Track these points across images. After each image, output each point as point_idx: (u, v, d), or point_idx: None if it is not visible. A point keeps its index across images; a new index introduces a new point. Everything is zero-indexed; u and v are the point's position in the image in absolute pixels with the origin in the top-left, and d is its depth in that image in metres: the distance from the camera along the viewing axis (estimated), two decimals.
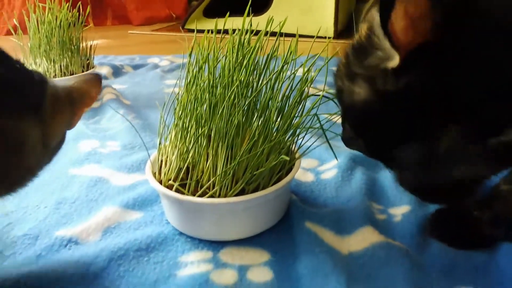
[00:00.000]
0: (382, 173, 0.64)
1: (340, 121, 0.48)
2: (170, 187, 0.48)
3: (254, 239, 0.50)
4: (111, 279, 0.44)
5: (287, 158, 0.44)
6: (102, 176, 0.64)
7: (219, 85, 0.48)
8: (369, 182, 0.60)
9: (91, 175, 0.64)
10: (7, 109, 0.30)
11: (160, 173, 0.51)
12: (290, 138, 0.49)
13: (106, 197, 0.59)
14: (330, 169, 0.65)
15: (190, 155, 0.48)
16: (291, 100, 0.50)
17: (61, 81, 0.38)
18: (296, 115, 0.48)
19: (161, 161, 0.52)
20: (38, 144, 0.34)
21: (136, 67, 1.28)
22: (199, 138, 0.48)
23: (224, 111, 0.46)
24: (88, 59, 0.99)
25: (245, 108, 0.46)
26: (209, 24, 1.83)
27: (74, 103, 0.38)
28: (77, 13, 0.96)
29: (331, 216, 0.53)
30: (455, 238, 0.49)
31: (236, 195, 0.47)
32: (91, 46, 1.00)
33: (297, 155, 0.53)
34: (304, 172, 0.65)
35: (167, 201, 0.50)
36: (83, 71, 0.96)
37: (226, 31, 0.51)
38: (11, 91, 0.31)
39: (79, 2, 0.96)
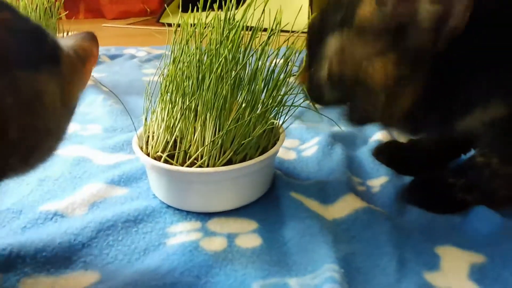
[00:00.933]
0: (359, 149, 0.67)
1: None
2: (158, 159, 0.49)
3: (241, 210, 0.51)
4: (100, 248, 0.45)
5: (276, 121, 0.46)
6: (84, 156, 0.63)
7: (205, 58, 0.49)
8: (348, 157, 0.63)
9: (73, 155, 0.63)
10: (22, 59, 0.27)
11: (147, 147, 0.52)
12: (276, 109, 0.51)
13: (90, 174, 0.59)
14: (311, 147, 0.67)
15: (178, 127, 0.49)
16: (275, 73, 0.51)
17: (62, 40, 0.36)
18: (281, 85, 0.50)
19: (148, 136, 0.52)
20: (57, 102, 0.30)
21: (112, 57, 1.26)
22: (187, 110, 0.49)
23: (212, 82, 0.47)
24: None
25: (232, 80, 0.47)
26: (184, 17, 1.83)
27: (82, 61, 0.36)
28: None
29: (314, 186, 0.55)
30: (431, 203, 0.52)
31: (224, 165, 0.48)
32: (67, 34, 0.99)
33: (281, 130, 0.54)
34: (286, 151, 0.66)
35: (154, 174, 0.51)
36: None
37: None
38: (26, 40, 0.28)
39: None
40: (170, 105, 0.50)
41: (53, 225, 0.48)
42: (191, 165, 0.47)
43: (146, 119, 0.54)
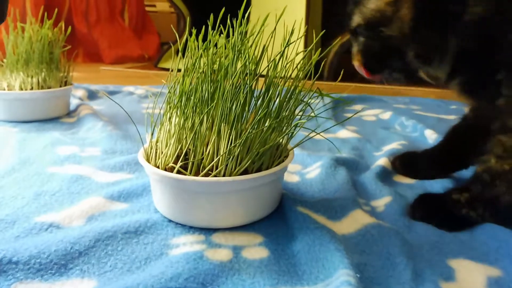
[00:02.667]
0: (362, 174, 0.67)
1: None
2: (169, 171, 0.48)
3: (246, 226, 0.49)
4: (98, 257, 0.42)
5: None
6: (83, 174, 0.62)
7: (219, 70, 0.49)
8: (352, 179, 0.62)
9: (72, 173, 0.62)
10: None
11: (155, 160, 0.50)
12: (291, 117, 0.50)
13: (89, 190, 0.57)
14: (314, 170, 0.66)
15: (190, 139, 0.48)
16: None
17: None
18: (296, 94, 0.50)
19: (156, 149, 0.51)
20: None
21: (111, 93, 1.28)
22: (201, 121, 0.48)
23: (228, 91, 0.47)
24: (66, 77, 0.99)
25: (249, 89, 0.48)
26: (182, 63, 1.87)
27: None
28: (58, 32, 0.97)
29: (321, 204, 0.53)
30: (437, 219, 0.51)
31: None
32: (69, 64, 1.00)
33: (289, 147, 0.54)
34: (289, 174, 0.66)
35: (161, 187, 0.49)
36: (60, 87, 0.95)
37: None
38: None
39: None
40: (182, 117, 0.49)
41: (49, 235, 0.45)
42: (205, 176, 0.46)
43: (152, 133, 0.53)
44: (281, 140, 0.51)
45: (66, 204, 0.53)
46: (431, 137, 0.86)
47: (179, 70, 0.53)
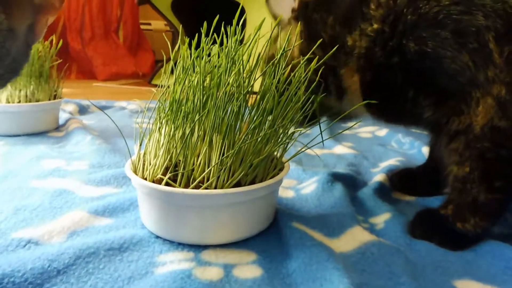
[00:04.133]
0: (359, 190, 0.64)
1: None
2: (157, 183, 0.45)
3: (239, 243, 0.46)
4: (77, 275, 0.39)
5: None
6: (67, 188, 0.59)
7: (211, 79, 0.47)
8: (349, 194, 0.60)
9: (55, 187, 0.59)
10: None
11: (143, 172, 0.47)
12: (287, 126, 0.48)
13: (73, 205, 0.54)
14: (310, 185, 0.64)
15: (180, 150, 0.46)
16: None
17: None
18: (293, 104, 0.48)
19: (144, 160, 0.49)
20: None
21: (103, 108, 1.25)
22: (191, 131, 0.46)
23: (220, 99, 0.45)
24: (56, 90, 0.96)
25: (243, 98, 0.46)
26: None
27: (36, 6, 0.36)
28: (49, 45, 0.95)
29: (318, 220, 0.51)
30: (437, 237, 0.49)
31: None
32: (60, 78, 0.98)
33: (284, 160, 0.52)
34: (284, 189, 0.63)
35: (148, 200, 0.46)
36: (49, 100, 0.93)
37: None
38: None
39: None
40: (172, 126, 0.47)
41: (26, 252, 0.42)
42: (195, 189, 0.43)
43: (140, 144, 0.51)
44: (275, 152, 0.49)
45: (47, 219, 0.49)
46: None
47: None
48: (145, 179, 0.46)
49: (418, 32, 0.46)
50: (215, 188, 0.43)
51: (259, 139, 0.44)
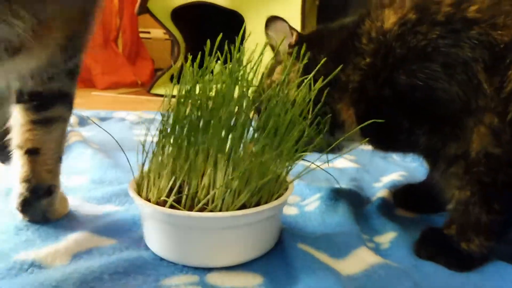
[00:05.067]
0: (363, 207, 0.64)
1: None
2: (161, 204, 0.44)
3: (244, 265, 0.46)
4: None
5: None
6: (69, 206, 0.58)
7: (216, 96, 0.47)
8: (353, 212, 0.59)
9: None
10: None
11: (147, 193, 0.47)
12: (296, 146, 0.48)
13: (76, 224, 0.53)
14: (313, 202, 0.63)
15: (184, 171, 0.45)
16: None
17: None
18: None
19: (147, 181, 0.48)
20: None
21: (102, 119, 1.25)
22: (195, 152, 0.46)
23: (224, 120, 0.45)
24: None
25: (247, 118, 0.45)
26: (175, 89, 1.86)
27: None
28: None
29: (323, 239, 0.50)
30: (444, 258, 0.49)
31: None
32: None
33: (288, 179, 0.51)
34: (287, 206, 0.63)
35: (153, 222, 0.46)
36: None
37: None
38: None
39: None
40: (176, 146, 0.46)
41: (29, 276, 0.42)
42: (200, 211, 0.43)
43: (144, 163, 0.50)
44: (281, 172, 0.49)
45: (49, 240, 0.49)
46: None
47: (173, 97, 0.51)
48: (149, 200, 0.46)
49: (407, 65, 0.47)
50: (220, 210, 0.43)
51: (263, 161, 0.44)
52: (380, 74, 0.49)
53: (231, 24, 1.95)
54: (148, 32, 2.46)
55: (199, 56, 0.51)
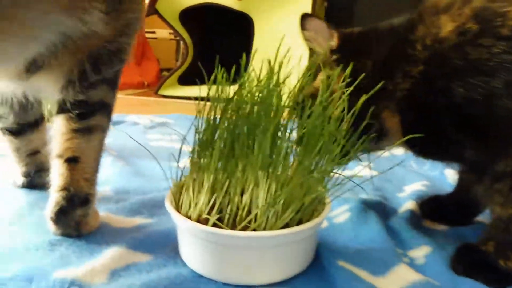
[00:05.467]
0: (390, 218, 0.64)
1: None
2: (203, 222, 0.44)
3: (283, 283, 0.45)
4: None
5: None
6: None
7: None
8: (384, 225, 0.59)
9: None
10: None
11: (184, 209, 0.46)
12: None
13: (108, 239, 0.52)
14: (342, 214, 0.63)
15: (225, 188, 0.45)
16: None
17: None
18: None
19: (184, 197, 0.47)
20: None
21: (115, 123, 1.24)
22: (238, 168, 0.45)
23: (267, 136, 0.44)
24: None
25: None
26: (182, 90, 1.85)
27: None
28: None
29: (360, 255, 0.50)
30: (482, 275, 0.48)
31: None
32: None
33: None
34: None
35: (193, 240, 0.45)
36: None
37: (202, 99, 0.50)
38: None
39: None
40: (215, 162, 0.46)
41: None
42: (243, 229, 0.43)
43: (180, 179, 0.50)
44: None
45: (85, 257, 0.48)
46: (453, 178, 0.84)
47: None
48: (188, 217, 0.45)
49: (466, 77, 0.46)
50: (264, 228, 0.43)
51: (309, 179, 0.43)
52: (434, 83, 0.48)
53: (240, 26, 1.96)
54: (154, 32, 2.45)
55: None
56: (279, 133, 0.46)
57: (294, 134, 0.48)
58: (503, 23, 0.44)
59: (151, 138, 1.08)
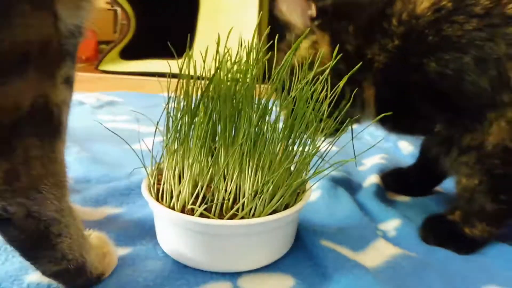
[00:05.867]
0: (357, 193, 0.66)
1: None
2: (188, 212, 0.42)
3: (270, 266, 0.46)
4: None
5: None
6: None
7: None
8: (354, 200, 0.61)
9: None
10: None
11: (166, 199, 0.44)
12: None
13: None
14: (314, 190, 0.64)
15: (209, 176, 0.43)
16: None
17: None
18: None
19: (164, 187, 0.45)
20: None
21: None
22: (220, 156, 0.44)
23: (251, 120, 0.43)
24: None
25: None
26: (126, 65, 1.75)
27: None
28: None
29: (340, 233, 0.51)
30: (452, 244, 0.52)
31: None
32: None
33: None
34: None
35: (179, 231, 0.43)
36: None
37: (145, 74, 0.47)
38: None
39: None
40: (197, 151, 0.44)
41: None
42: (231, 217, 0.42)
43: (158, 167, 0.47)
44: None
45: None
46: (407, 149, 0.89)
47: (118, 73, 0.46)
48: (172, 207, 0.43)
49: (439, 53, 0.47)
50: (253, 215, 0.42)
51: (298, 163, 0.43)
52: (409, 59, 0.49)
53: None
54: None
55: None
56: (263, 116, 0.45)
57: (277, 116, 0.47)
58: (476, 1, 0.46)
59: (102, 119, 1.01)
